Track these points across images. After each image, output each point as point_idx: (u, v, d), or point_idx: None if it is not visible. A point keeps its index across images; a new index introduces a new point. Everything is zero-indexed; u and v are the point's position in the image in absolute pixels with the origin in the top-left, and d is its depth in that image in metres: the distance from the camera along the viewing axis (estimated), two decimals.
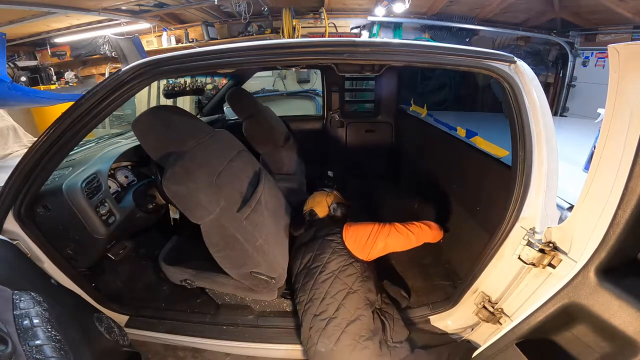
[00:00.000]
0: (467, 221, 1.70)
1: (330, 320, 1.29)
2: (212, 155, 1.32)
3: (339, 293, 1.34)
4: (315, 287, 1.37)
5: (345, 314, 1.29)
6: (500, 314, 1.23)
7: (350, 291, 1.34)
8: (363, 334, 1.26)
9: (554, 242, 0.94)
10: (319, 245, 1.47)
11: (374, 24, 4.49)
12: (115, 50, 3.76)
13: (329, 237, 1.48)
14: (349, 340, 1.24)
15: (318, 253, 1.44)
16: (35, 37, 4.53)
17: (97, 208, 1.40)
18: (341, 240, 1.45)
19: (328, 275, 1.38)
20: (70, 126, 1.09)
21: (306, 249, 1.50)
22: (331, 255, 1.42)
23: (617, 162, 0.68)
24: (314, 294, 1.36)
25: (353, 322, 1.28)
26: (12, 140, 2.96)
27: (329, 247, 1.44)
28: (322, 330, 1.28)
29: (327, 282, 1.36)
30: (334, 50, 1.07)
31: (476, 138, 1.69)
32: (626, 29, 3.84)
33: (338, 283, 1.36)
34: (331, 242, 1.46)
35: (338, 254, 1.42)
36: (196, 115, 2.81)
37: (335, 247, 1.43)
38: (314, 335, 1.28)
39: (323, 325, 1.28)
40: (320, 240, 1.48)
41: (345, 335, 1.25)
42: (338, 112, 3.20)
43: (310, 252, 1.47)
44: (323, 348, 1.26)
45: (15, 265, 1.07)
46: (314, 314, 1.33)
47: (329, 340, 1.25)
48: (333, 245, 1.44)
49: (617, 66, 0.66)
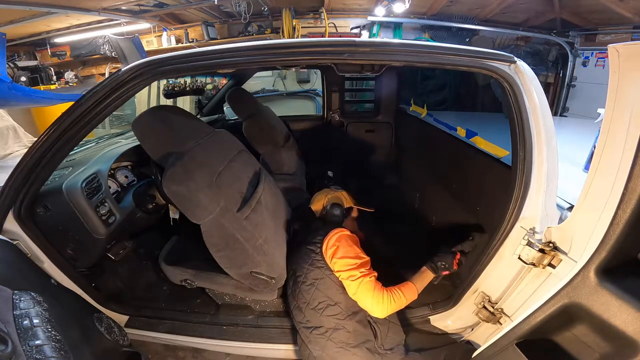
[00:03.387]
0: (467, 221, 1.70)
1: (315, 329, 1.28)
2: (212, 155, 1.32)
3: (319, 304, 1.28)
4: (299, 295, 1.34)
5: (328, 324, 1.26)
6: (500, 314, 1.23)
7: (331, 303, 1.28)
8: (350, 342, 1.24)
9: (554, 242, 0.94)
10: (302, 253, 1.39)
11: (374, 24, 4.49)
12: (115, 50, 3.77)
13: (310, 246, 1.37)
14: (335, 348, 1.23)
15: (300, 262, 1.38)
16: (35, 37, 4.53)
17: (97, 208, 1.40)
18: (320, 251, 1.33)
19: (309, 285, 1.32)
20: (70, 126, 1.09)
21: (292, 255, 1.45)
22: (309, 267, 1.34)
23: (617, 162, 0.68)
24: (298, 302, 1.34)
25: (337, 331, 1.25)
26: (12, 140, 2.96)
27: (309, 257, 1.35)
28: (309, 337, 1.28)
29: (309, 292, 1.31)
30: (334, 50, 1.07)
31: (476, 138, 1.69)
32: (626, 29, 3.84)
33: (318, 294, 1.29)
34: (310, 252, 1.35)
35: (315, 265, 1.32)
36: (196, 115, 2.81)
37: (314, 259, 1.33)
38: (305, 341, 1.30)
39: (308, 332, 1.28)
40: (303, 248, 1.40)
41: (330, 343, 1.24)
42: (338, 112, 3.20)
43: (296, 260, 1.41)
44: (315, 353, 1.26)
45: (15, 265, 1.07)
46: (300, 321, 1.33)
47: (317, 346, 1.26)
48: (312, 256, 1.34)
49: (617, 66, 0.66)
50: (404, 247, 2.10)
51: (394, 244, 2.06)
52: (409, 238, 2.19)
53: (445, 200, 1.99)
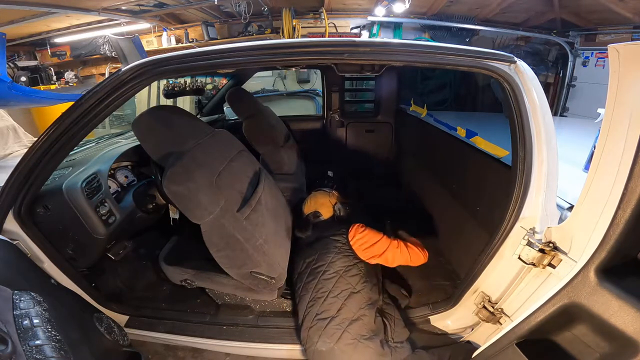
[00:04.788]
0: (467, 221, 1.70)
1: (332, 320, 1.29)
2: (212, 155, 1.32)
3: (342, 292, 1.34)
4: (319, 286, 1.38)
5: (347, 314, 1.30)
6: (500, 314, 1.23)
7: (354, 291, 1.35)
8: (364, 333, 1.26)
9: (554, 242, 0.94)
10: (324, 245, 1.48)
11: (374, 24, 4.49)
12: (115, 50, 3.77)
13: (334, 237, 1.49)
14: (350, 340, 1.24)
15: (323, 253, 1.46)
16: (35, 37, 4.53)
17: (97, 208, 1.40)
18: (347, 241, 1.47)
19: (332, 274, 1.39)
20: (70, 126, 1.09)
21: (310, 249, 1.51)
22: (336, 255, 1.43)
23: (617, 162, 0.68)
24: (317, 293, 1.36)
25: (355, 322, 1.28)
26: (12, 140, 2.96)
27: (334, 247, 1.46)
28: (324, 330, 1.27)
29: (331, 282, 1.37)
30: (334, 50, 1.07)
31: (476, 138, 1.69)
32: (626, 29, 3.83)
33: (342, 283, 1.37)
34: (336, 242, 1.47)
35: (343, 254, 1.44)
36: (196, 115, 2.81)
37: (341, 248, 1.45)
38: (314, 335, 1.28)
39: (324, 324, 1.28)
40: (325, 240, 1.49)
41: (346, 334, 1.25)
42: (338, 112, 3.20)
43: (315, 252, 1.48)
44: (324, 347, 1.25)
45: (15, 265, 1.07)
46: (316, 312, 1.33)
47: (330, 339, 1.25)
48: (338, 245, 1.46)
49: (617, 66, 0.66)
50: None
51: None
52: None
53: (445, 200, 1.99)
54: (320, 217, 1.64)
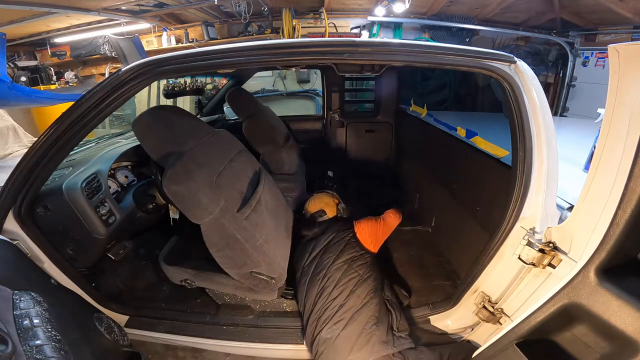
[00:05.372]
0: (467, 221, 1.70)
1: (340, 307, 1.32)
2: (212, 155, 1.31)
3: (351, 280, 1.40)
4: (327, 275, 1.43)
5: (355, 301, 1.34)
6: (500, 314, 1.23)
7: (361, 279, 1.42)
8: (370, 321, 1.30)
9: (554, 242, 0.94)
10: (332, 237, 1.57)
11: (374, 24, 4.49)
12: (115, 50, 3.77)
13: (341, 230, 1.60)
14: (356, 326, 1.27)
15: (331, 245, 1.54)
16: (35, 37, 4.53)
17: (97, 208, 1.40)
18: (354, 234, 1.58)
19: (341, 264, 1.46)
20: (70, 126, 1.09)
21: (317, 242, 1.57)
22: (345, 246, 1.52)
23: (617, 162, 0.68)
24: (326, 282, 1.41)
25: (361, 309, 1.32)
26: (12, 140, 2.97)
27: (342, 239, 1.55)
28: (331, 318, 1.30)
29: (339, 271, 1.43)
30: (334, 50, 1.07)
31: (476, 138, 1.69)
32: (626, 29, 3.84)
33: (350, 271, 1.43)
34: (344, 235, 1.57)
35: (351, 245, 1.53)
36: (196, 115, 2.81)
37: (349, 240, 1.55)
38: (322, 323, 1.31)
39: (332, 312, 1.32)
40: (332, 233, 1.59)
41: (353, 321, 1.29)
42: (338, 112, 3.20)
43: (322, 245, 1.55)
44: (329, 334, 1.27)
45: (15, 265, 1.07)
46: (325, 302, 1.36)
47: (336, 325, 1.29)
48: (346, 237, 1.56)
49: (617, 66, 0.66)
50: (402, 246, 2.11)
51: (393, 242, 2.06)
52: (408, 237, 2.20)
53: (445, 200, 1.99)
54: (324, 215, 1.71)
